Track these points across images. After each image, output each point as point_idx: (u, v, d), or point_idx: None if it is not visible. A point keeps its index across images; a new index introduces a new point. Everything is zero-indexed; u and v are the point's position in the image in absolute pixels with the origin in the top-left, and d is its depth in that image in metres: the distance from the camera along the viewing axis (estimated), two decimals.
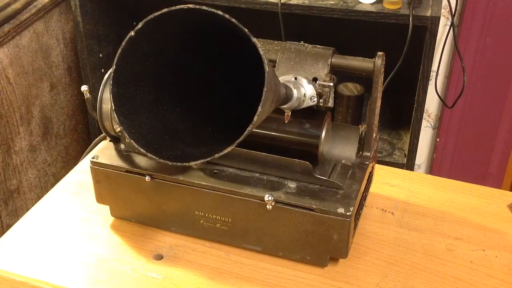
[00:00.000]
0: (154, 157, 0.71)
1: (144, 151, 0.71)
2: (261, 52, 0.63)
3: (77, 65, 1.78)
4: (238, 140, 0.66)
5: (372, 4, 1.43)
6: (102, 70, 1.78)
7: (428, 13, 1.39)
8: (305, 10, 1.44)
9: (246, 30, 0.63)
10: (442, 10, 1.61)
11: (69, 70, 1.77)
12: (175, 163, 0.71)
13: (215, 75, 0.81)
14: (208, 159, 0.68)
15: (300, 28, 1.59)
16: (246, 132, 0.65)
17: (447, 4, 1.58)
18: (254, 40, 0.63)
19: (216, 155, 0.68)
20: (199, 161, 0.69)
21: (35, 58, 1.61)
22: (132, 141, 0.71)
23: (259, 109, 0.63)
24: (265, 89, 0.63)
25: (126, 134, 0.71)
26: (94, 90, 1.71)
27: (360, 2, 1.44)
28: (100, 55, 1.76)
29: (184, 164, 0.70)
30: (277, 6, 1.44)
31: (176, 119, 0.78)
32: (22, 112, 1.58)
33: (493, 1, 1.70)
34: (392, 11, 1.40)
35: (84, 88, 0.88)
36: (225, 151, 0.67)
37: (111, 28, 1.79)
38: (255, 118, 0.64)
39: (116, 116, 0.71)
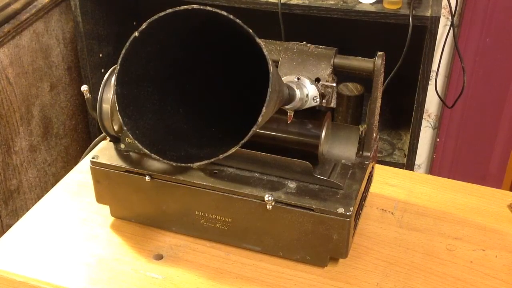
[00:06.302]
0: (158, 157, 0.71)
1: (148, 152, 0.71)
2: (266, 53, 0.63)
3: (77, 65, 1.78)
4: (243, 141, 0.66)
5: (372, 4, 1.43)
6: (102, 70, 1.78)
7: (428, 13, 1.39)
8: (305, 10, 1.44)
9: (251, 30, 0.63)
10: (442, 10, 1.61)
11: (69, 70, 1.77)
12: (179, 164, 0.71)
13: (218, 76, 0.81)
14: (212, 159, 0.68)
15: (300, 28, 1.59)
16: (250, 133, 0.65)
17: (447, 4, 1.58)
18: (259, 40, 0.63)
19: (221, 156, 0.68)
20: (203, 162, 0.69)
21: (35, 58, 1.61)
22: (136, 141, 0.71)
23: (264, 109, 0.63)
24: (269, 90, 0.63)
25: (130, 134, 0.71)
26: (94, 90, 1.71)
27: (360, 2, 1.44)
28: (100, 55, 1.76)
29: (188, 165, 0.70)
30: (277, 6, 1.44)
31: (180, 119, 0.78)
32: (22, 112, 1.58)
33: (493, 1, 1.70)
34: (392, 11, 1.40)
35: (84, 88, 0.88)
36: (230, 152, 0.67)
37: (111, 28, 1.79)
38: (260, 119, 0.64)
39: (120, 117, 0.71)
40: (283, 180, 0.83)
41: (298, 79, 0.81)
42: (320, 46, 0.86)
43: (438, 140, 1.96)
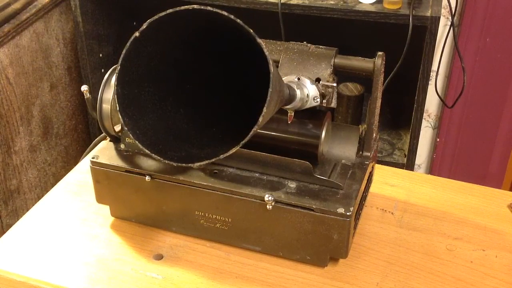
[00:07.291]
0: (159, 158, 0.71)
1: (148, 152, 0.71)
2: (266, 53, 0.63)
3: (77, 65, 1.78)
4: (243, 141, 0.66)
5: (372, 4, 1.43)
6: (102, 70, 1.78)
7: (428, 13, 1.39)
8: (305, 10, 1.44)
9: (251, 30, 0.63)
10: (442, 10, 1.61)
11: (69, 70, 1.77)
12: (179, 164, 0.71)
13: (219, 76, 0.81)
14: (213, 160, 0.68)
15: (300, 28, 1.59)
16: (251, 133, 0.65)
17: (447, 4, 1.58)
18: (259, 40, 0.63)
19: (221, 156, 0.68)
20: (203, 162, 0.69)
21: (35, 58, 1.61)
22: (137, 141, 0.71)
23: (264, 109, 0.63)
24: (270, 90, 0.63)
25: (130, 134, 0.71)
26: (94, 90, 1.71)
27: (360, 2, 1.44)
28: (100, 55, 1.76)
29: (189, 165, 0.70)
30: (277, 6, 1.44)
31: (181, 119, 0.78)
32: (22, 112, 1.58)
33: (493, 1, 1.70)
34: (392, 11, 1.40)
35: (84, 88, 0.88)
36: (230, 152, 0.67)
37: (111, 28, 1.79)
38: (260, 119, 0.64)
39: (120, 117, 0.71)
40: (283, 180, 0.83)
41: (299, 79, 0.81)
42: (320, 46, 0.86)
43: (438, 140, 1.96)
